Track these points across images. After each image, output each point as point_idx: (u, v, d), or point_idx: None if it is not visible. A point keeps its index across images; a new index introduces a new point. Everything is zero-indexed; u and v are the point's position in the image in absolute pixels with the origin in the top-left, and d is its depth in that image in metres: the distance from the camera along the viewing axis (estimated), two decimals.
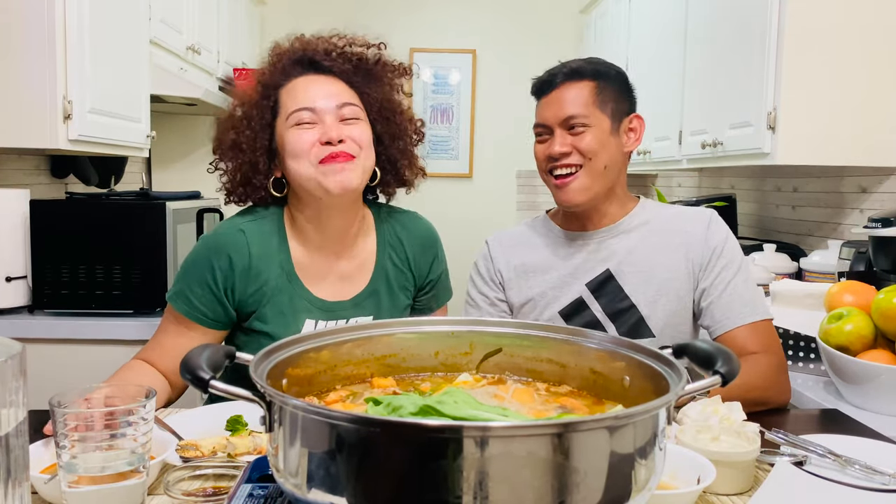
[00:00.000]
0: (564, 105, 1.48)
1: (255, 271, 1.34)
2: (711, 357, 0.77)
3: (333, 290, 1.39)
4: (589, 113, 1.47)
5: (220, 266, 1.32)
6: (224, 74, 3.54)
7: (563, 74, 1.49)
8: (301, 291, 1.37)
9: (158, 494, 0.93)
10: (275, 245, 1.37)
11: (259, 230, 1.37)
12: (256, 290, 1.34)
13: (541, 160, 1.53)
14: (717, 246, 1.49)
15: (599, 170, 1.47)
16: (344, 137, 1.30)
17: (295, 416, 0.65)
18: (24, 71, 2.00)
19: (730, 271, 1.48)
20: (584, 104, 1.47)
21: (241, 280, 1.33)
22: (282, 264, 1.36)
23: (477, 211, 4.57)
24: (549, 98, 1.51)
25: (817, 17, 2.09)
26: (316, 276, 1.39)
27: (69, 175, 2.81)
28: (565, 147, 1.47)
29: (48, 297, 2.18)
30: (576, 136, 1.46)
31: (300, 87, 1.34)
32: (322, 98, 1.32)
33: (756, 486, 0.97)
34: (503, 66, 4.51)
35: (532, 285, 1.56)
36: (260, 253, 1.35)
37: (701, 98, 2.71)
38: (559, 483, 0.61)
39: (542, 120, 1.52)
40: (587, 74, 1.49)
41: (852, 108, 2.11)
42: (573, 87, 1.48)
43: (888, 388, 1.42)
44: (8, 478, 0.59)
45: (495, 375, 0.97)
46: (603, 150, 1.47)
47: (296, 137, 1.31)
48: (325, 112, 1.31)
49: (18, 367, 0.60)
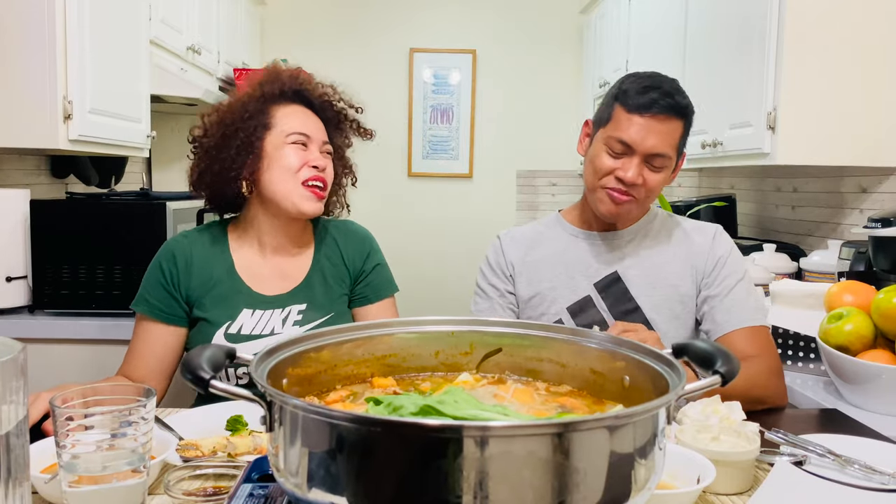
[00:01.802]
0: (657, 139, 1.43)
1: (196, 267, 1.52)
2: (711, 357, 0.77)
3: (272, 286, 1.54)
4: (672, 155, 1.46)
5: (167, 266, 1.51)
6: (224, 74, 3.54)
7: (666, 106, 1.43)
8: (240, 286, 1.52)
9: (158, 494, 0.93)
10: (217, 248, 1.55)
11: (201, 237, 1.57)
12: (199, 283, 1.51)
13: (604, 172, 1.47)
14: (721, 256, 1.53)
15: (649, 204, 1.54)
16: (323, 165, 1.52)
17: (295, 416, 0.65)
18: (24, 71, 2.00)
19: (732, 279, 1.51)
20: (672, 145, 1.45)
21: (185, 274, 1.51)
22: (223, 263, 1.53)
23: (477, 211, 4.56)
24: (643, 121, 1.43)
25: (817, 17, 2.09)
26: (256, 275, 1.54)
27: (69, 175, 2.81)
28: (640, 179, 1.45)
29: (48, 297, 2.18)
30: (651, 170, 1.46)
31: (299, 114, 1.53)
32: (314, 130, 1.53)
33: (756, 486, 0.97)
34: (503, 66, 4.51)
35: (542, 279, 1.59)
36: (202, 252, 1.53)
37: (701, 98, 2.69)
38: (559, 483, 0.61)
39: (629, 140, 1.44)
40: (682, 113, 1.45)
41: (852, 108, 2.11)
42: (671, 124, 1.44)
43: (888, 388, 1.42)
44: (8, 477, 0.59)
45: (495, 375, 0.97)
46: (661, 188, 1.51)
47: (290, 154, 1.48)
48: (314, 143, 1.52)
49: (18, 367, 0.60)
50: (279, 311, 1.51)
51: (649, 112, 1.42)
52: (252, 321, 1.49)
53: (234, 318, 1.49)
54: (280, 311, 1.51)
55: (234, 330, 1.48)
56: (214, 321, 1.48)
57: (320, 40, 4.37)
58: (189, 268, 1.51)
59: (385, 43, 4.45)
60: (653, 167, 1.45)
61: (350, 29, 4.37)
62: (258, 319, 1.50)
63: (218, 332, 1.47)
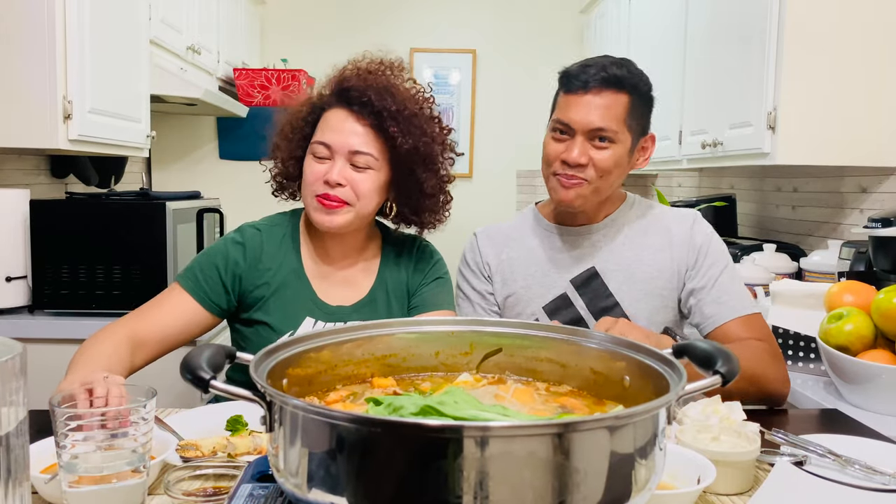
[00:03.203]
0: (596, 114, 1.39)
1: (264, 265, 1.43)
2: (711, 357, 0.77)
3: (336, 295, 1.46)
4: (618, 129, 1.40)
5: (233, 254, 1.41)
6: (224, 74, 3.54)
7: (601, 78, 1.39)
8: (307, 291, 1.44)
9: (158, 494, 0.93)
10: (288, 245, 1.46)
11: (275, 231, 1.47)
12: (264, 283, 1.42)
13: (551, 158, 1.45)
14: (702, 245, 1.48)
15: (606, 186, 1.45)
16: (344, 182, 1.36)
17: (295, 416, 0.65)
18: (24, 71, 2.00)
19: (717, 268, 1.47)
20: (616, 119, 1.39)
21: (250, 271, 1.41)
22: (292, 263, 1.45)
23: (477, 211, 4.54)
24: (579, 99, 1.40)
25: (817, 17, 2.09)
26: (323, 280, 1.46)
27: (69, 175, 2.81)
28: (584, 158, 1.40)
29: (48, 297, 2.18)
30: (597, 149, 1.41)
31: (331, 120, 1.40)
32: (341, 139, 1.37)
33: (756, 486, 0.97)
34: (503, 66, 4.51)
35: (516, 279, 1.55)
36: (272, 250, 1.44)
37: (701, 98, 2.71)
38: (559, 483, 0.61)
39: (567, 120, 1.41)
40: (625, 85, 1.40)
41: (852, 108, 2.11)
42: (608, 97, 1.39)
43: (888, 388, 1.42)
44: (8, 477, 0.59)
45: (495, 375, 0.97)
46: (617, 168, 1.43)
47: (308, 166, 1.40)
48: (337, 153, 1.37)
49: (18, 367, 0.60)
50: (340, 325, 1.40)
51: (585, 89, 1.39)
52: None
53: (295, 328, 1.41)
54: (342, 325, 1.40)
55: None
56: (278, 328, 1.41)
57: (320, 40, 4.37)
58: (256, 264, 1.42)
59: (385, 43, 4.42)
60: (598, 146, 1.40)
61: (350, 29, 4.37)
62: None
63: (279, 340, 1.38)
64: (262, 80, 3.60)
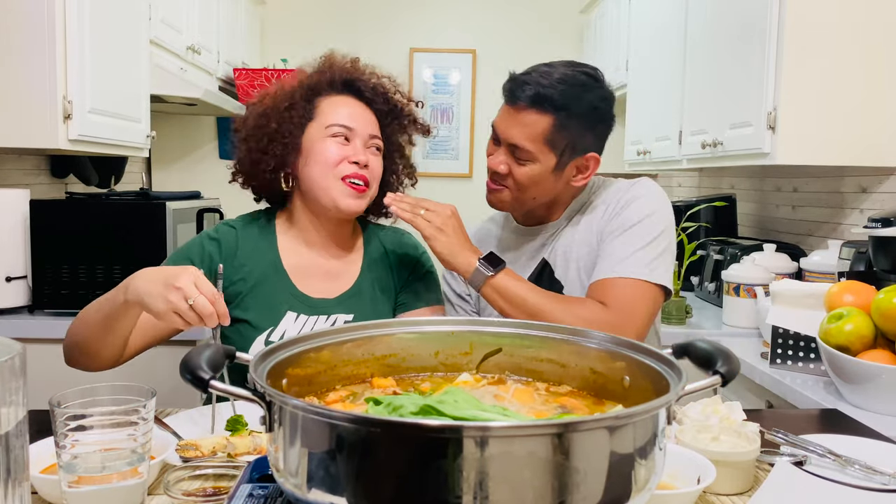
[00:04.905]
0: (515, 130, 1.40)
1: (239, 261, 1.42)
2: (711, 357, 0.77)
3: (319, 288, 1.44)
4: (534, 150, 1.40)
5: (208, 249, 1.41)
6: (224, 74, 3.54)
7: (527, 97, 1.39)
8: (286, 285, 1.43)
9: (158, 494, 0.93)
10: (264, 241, 1.45)
11: (250, 227, 1.47)
12: (240, 278, 1.41)
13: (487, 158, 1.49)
14: (618, 209, 1.44)
15: (527, 199, 1.47)
16: (369, 164, 1.41)
17: (295, 416, 0.65)
18: (24, 71, 2.00)
19: (617, 231, 1.41)
20: (532, 139, 1.39)
21: (226, 266, 1.39)
22: (270, 258, 1.44)
23: (477, 211, 4.54)
24: (507, 111, 1.43)
25: (817, 17, 2.09)
26: (303, 273, 1.44)
27: (69, 175, 2.81)
28: (503, 167, 1.44)
29: (48, 297, 2.18)
30: (517, 163, 1.42)
31: (343, 105, 1.43)
32: (360, 123, 1.42)
33: (756, 486, 0.97)
34: (503, 66, 4.45)
35: None
36: (248, 246, 1.44)
37: (701, 98, 2.71)
38: (559, 483, 0.61)
39: (496, 128, 1.46)
40: (552, 105, 1.38)
41: (852, 108, 2.11)
42: (530, 116, 1.39)
43: (888, 388, 1.42)
44: (8, 477, 0.59)
45: (495, 375, 0.97)
46: (536, 186, 1.43)
47: (329, 147, 1.39)
48: (358, 136, 1.41)
49: (18, 367, 0.60)
50: (324, 318, 1.41)
51: (513, 103, 1.42)
52: (295, 328, 1.39)
53: (276, 324, 1.39)
54: (325, 318, 1.41)
55: (276, 337, 1.37)
56: (257, 324, 1.38)
57: (320, 40, 4.33)
58: (232, 259, 1.41)
59: (385, 43, 4.45)
60: (518, 160, 1.42)
61: (350, 29, 4.36)
62: (301, 326, 1.40)
63: (259, 338, 1.37)
64: (262, 80, 3.60)
